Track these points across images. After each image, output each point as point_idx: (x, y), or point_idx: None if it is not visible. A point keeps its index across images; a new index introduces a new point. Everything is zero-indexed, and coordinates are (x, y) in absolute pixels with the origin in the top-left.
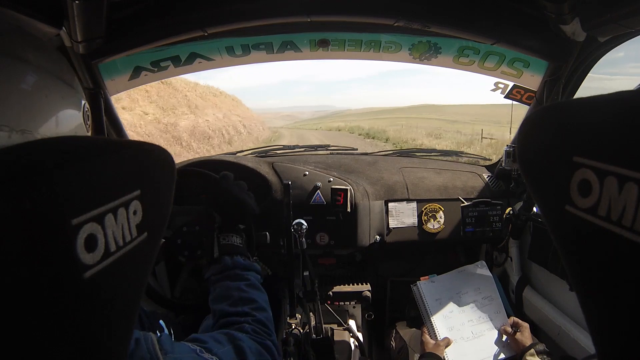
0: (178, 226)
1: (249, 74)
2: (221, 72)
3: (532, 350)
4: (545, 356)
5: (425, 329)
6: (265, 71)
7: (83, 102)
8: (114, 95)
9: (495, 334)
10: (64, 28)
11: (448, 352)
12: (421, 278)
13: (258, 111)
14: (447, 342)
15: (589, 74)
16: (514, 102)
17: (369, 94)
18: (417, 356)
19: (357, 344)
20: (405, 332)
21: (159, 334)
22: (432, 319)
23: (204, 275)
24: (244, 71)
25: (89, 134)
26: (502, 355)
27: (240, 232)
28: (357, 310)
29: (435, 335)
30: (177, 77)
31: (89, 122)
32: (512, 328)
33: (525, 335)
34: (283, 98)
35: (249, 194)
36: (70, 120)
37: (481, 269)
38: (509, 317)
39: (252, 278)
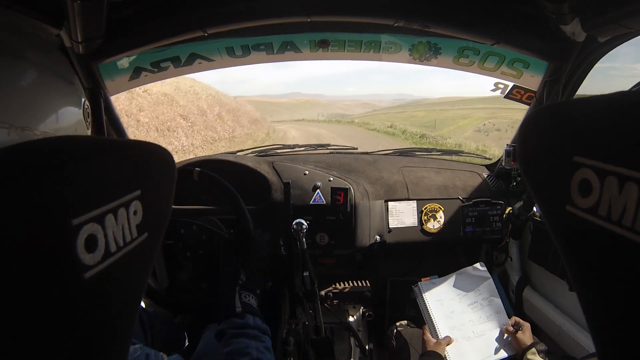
0: (176, 230)
1: (328, 62)
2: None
3: (533, 350)
4: (546, 356)
5: (426, 328)
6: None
7: (83, 99)
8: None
9: (496, 333)
10: (64, 28)
11: (449, 351)
12: (422, 279)
13: (336, 98)
14: (448, 341)
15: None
16: None
17: (447, 83)
18: (418, 355)
19: (357, 343)
20: (407, 331)
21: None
22: (433, 319)
23: (183, 268)
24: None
25: (89, 131)
26: (503, 354)
27: (257, 296)
28: (357, 310)
29: (437, 335)
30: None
31: (89, 120)
32: (513, 327)
33: (526, 335)
34: (361, 86)
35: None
36: (70, 117)
37: (480, 271)
38: (509, 317)
39: (268, 342)
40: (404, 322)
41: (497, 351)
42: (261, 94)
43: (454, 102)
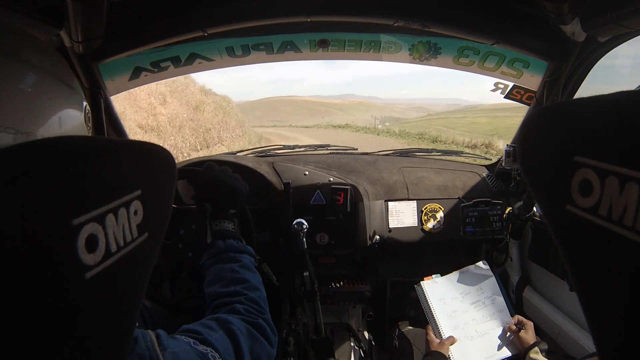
0: (176, 231)
1: (381, 64)
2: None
3: (536, 349)
4: (548, 355)
5: (429, 328)
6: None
7: (84, 103)
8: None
9: (499, 332)
10: (64, 28)
11: (453, 351)
12: (425, 278)
13: (391, 101)
14: (452, 341)
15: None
16: None
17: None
18: (422, 355)
19: (357, 343)
20: (409, 332)
21: (158, 331)
22: (436, 319)
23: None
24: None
25: (90, 133)
26: (506, 353)
27: (231, 218)
28: (357, 310)
29: (440, 334)
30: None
31: (89, 124)
32: (516, 326)
33: (529, 334)
34: (414, 89)
35: (235, 177)
36: (72, 121)
37: (483, 269)
38: (512, 316)
39: (245, 260)
40: (407, 322)
41: (500, 350)
42: (314, 94)
43: (516, 108)
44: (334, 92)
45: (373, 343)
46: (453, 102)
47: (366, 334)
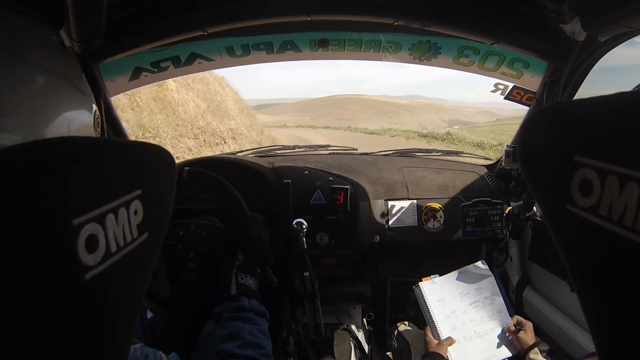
0: (174, 232)
1: None
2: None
3: (536, 349)
4: (548, 355)
5: (428, 329)
6: None
7: (94, 107)
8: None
9: (498, 332)
10: (63, 28)
11: (451, 352)
12: (423, 279)
13: (458, 104)
14: (451, 342)
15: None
16: None
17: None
18: (420, 356)
19: (357, 344)
20: (408, 332)
21: (170, 355)
22: (434, 320)
23: (188, 271)
24: None
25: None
26: (505, 354)
27: (257, 276)
28: (357, 310)
29: (439, 335)
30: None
31: (98, 129)
32: (515, 326)
33: (528, 335)
34: (481, 92)
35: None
36: (81, 126)
37: (482, 269)
38: (511, 316)
39: (264, 325)
40: (405, 323)
41: (499, 351)
42: (382, 94)
43: None
44: (401, 92)
45: (373, 343)
46: (521, 106)
47: (366, 334)
